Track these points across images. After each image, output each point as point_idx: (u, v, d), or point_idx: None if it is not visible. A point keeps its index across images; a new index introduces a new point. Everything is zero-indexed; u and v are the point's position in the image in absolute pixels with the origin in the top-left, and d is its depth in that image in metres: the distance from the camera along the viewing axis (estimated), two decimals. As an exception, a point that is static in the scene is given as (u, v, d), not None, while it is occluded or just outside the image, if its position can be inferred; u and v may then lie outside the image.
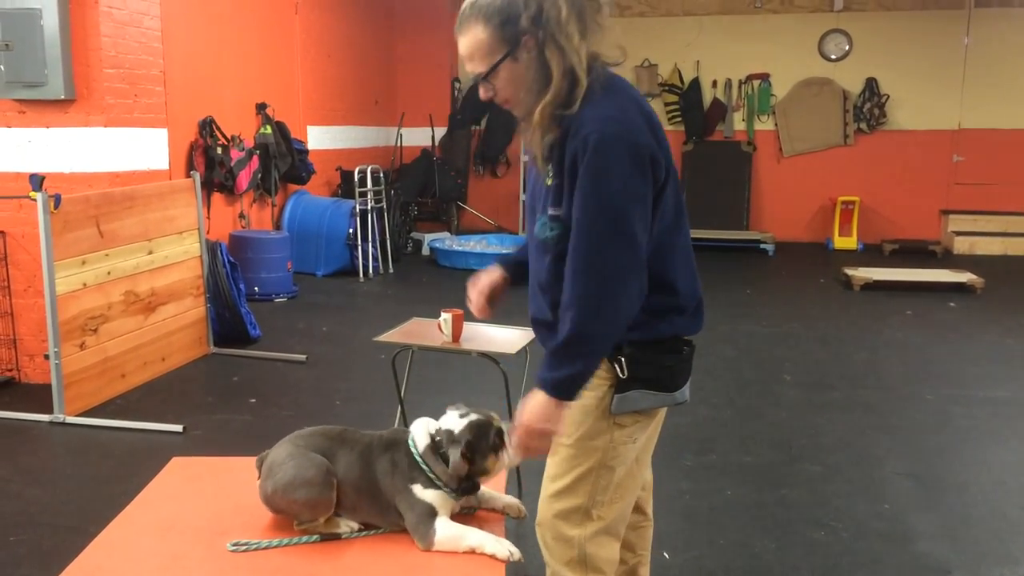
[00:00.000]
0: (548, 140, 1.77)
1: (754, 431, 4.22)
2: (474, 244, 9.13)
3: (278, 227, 7.92)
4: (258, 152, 7.36)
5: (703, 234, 9.51)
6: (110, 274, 4.58)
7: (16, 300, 4.81)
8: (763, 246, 9.80)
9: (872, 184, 10.41)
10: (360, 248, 7.91)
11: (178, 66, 6.35)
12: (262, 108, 7.59)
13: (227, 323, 5.62)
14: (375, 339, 3.37)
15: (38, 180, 4.11)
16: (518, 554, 1.95)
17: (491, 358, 3.17)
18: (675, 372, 1.87)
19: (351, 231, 7.89)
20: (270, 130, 7.53)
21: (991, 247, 9.83)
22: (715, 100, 10.69)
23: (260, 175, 7.41)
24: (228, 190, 6.98)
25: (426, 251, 9.36)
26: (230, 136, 6.96)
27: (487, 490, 2.13)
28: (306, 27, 8.57)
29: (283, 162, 7.71)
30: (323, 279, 7.93)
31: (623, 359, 1.81)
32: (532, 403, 1.77)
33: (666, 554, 2.97)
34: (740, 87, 10.67)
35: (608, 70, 1.80)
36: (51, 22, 4.49)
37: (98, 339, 4.49)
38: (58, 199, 4.13)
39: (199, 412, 4.41)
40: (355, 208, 7.90)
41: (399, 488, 2.00)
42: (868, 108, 10.33)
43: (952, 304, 7.10)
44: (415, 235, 9.69)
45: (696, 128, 10.67)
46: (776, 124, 10.65)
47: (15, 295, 4.81)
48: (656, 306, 1.81)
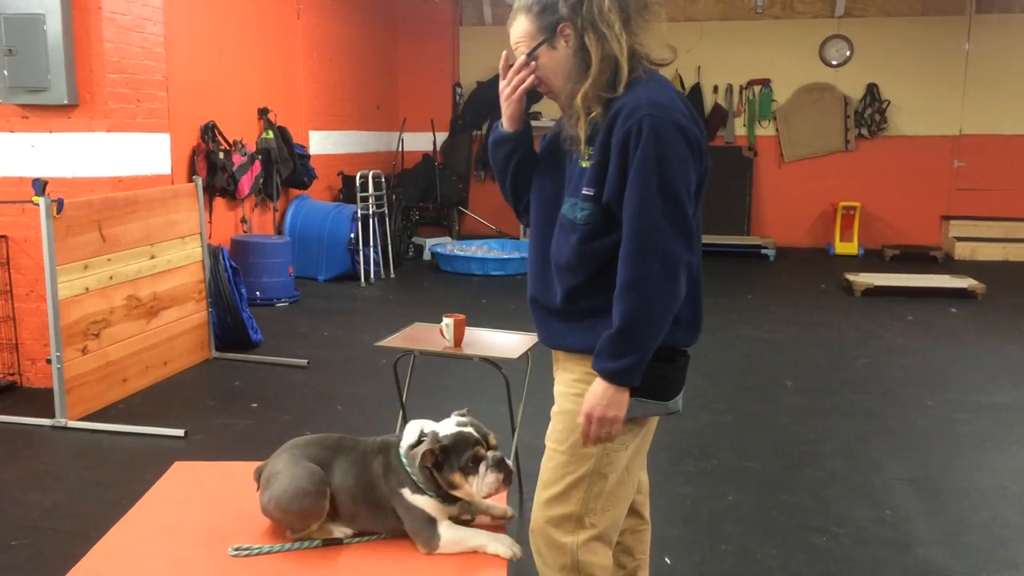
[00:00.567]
0: (592, 120, 1.79)
1: (755, 436, 4.22)
2: (475, 249, 9.13)
3: (280, 232, 7.94)
4: (260, 157, 7.38)
5: (704, 239, 9.40)
6: (112, 279, 4.59)
7: (18, 304, 4.82)
8: (764, 251, 9.80)
9: (873, 189, 10.41)
10: (361, 253, 7.92)
11: (180, 71, 6.37)
12: (264, 113, 7.60)
13: (229, 328, 5.63)
14: (377, 344, 3.38)
15: (41, 185, 4.12)
16: (520, 550, 1.96)
17: (493, 363, 3.17)
18: (669, 381, 1.88)
19: (352, 236, 7.90)
20: (272, 135, 7.55)
21: (992, 253, 9.81)
22: (716, 105, 10.70)
23: (262, 180, 7.43)
24: (230, 195, 6.99)
25: (427, 256, 9.37)
26: (232, 141, 6.97)
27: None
28: (308, 32, 8.59)
29: (285, 167, 7.72)
30: (324, 284, 7.94)
31: None
32: (594, 392, 1.79)
33: (667, 559, 2.97)
34: (741, 92, 10.68)
35: (652, 68, 1.84)
36: (54, 27, 4.51)
37: (100, 343, 4.49)
38: (61, 204, 4.15)
39: (201, 416, 4.41)
40: (356, 213, 7.91)
41: (393, 490, 1.99)
42: (869, 114, 10.34)
43: (953, 310, 7.10)
44: (416, 240, 9.70)
45: (697, 133, 10.68)
46: (777, 129, 10.65)
47: (17, 299, 4.81)
48: None
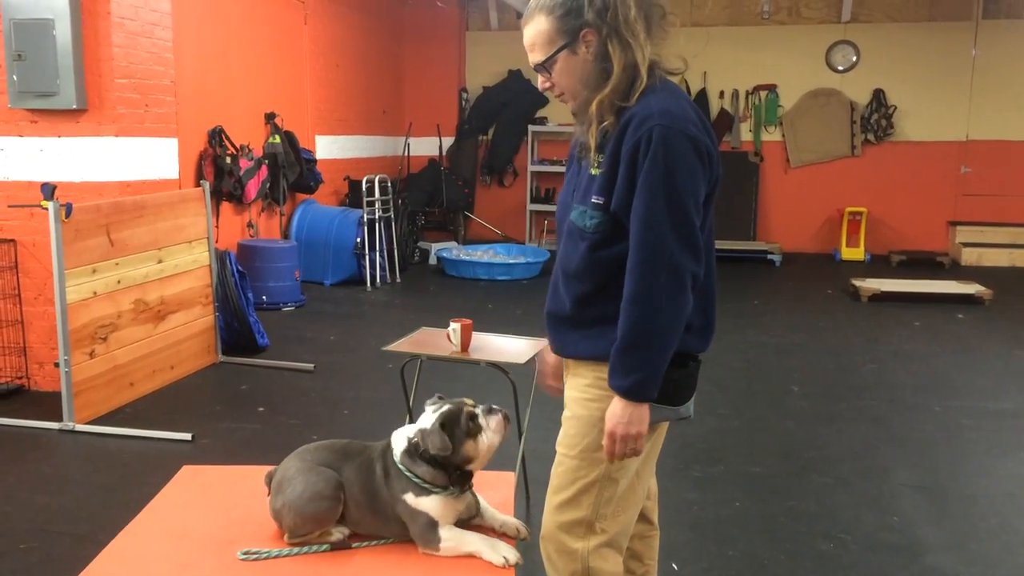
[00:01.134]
0: (603, 129, 1.80)
1: (762, 442, 4.21)
2: (481, 254, 9.13)
3: (286, 236, 7.96)
4: (267, 161, 7.40)
5: (711, 245, 9.48)
6: (120, 283, 4.60)
7: (26, 308, 4.83)
8: (770, 257, 9.79)
9: (880, 195, 10.39)
10: (368, 257, 7.93)
11: (188, 76, 6.40)
12: (271, 118, 7.63)
13: (235, 332, 5.64)
14: (384, 348, 3.38)
15: (50, 189, 4.14)
16: (514, 558, 1.91)
17: (500, 368, 3.17)
18: (680, 387, 1.87)
19: (359, 240, 7.91)
20: (279, 140, 7.58)
21: (999, 258, 9.80)
22: (722, 111, 10.70)
23: (269, 184, 7.45)
24: (237, 199, 7.02)
25: (433, 261, 9.39)
26: (239, 146, 7.00)
27: (489, 508, 2.10)
28: (315, 37, 8.62)
29: (291, 171, 7.75)
30: (331, 288, 7.95)
31: None
32: (613, 411, 1.78)
33: (675, 565, 2.97)
34: (747, 98, 10.68)
35: (664, 76, 1.85)
36: (63, 32, 4.53)
37: (108, 347, 4.51)
38: (69, 208, 4.16)
39: (208, 420, 4.42)
40: (363, 217, 7.93)
41: (396, 496, 1.99)
42: (875, 119, 10.33)
43: (960, 316, 7.08)
44: (422, 245, 9.71)
45: (703, 139, 10.69)
46: (783, 135, 10.65)
47: (25, 303, 4.83)
48: None
